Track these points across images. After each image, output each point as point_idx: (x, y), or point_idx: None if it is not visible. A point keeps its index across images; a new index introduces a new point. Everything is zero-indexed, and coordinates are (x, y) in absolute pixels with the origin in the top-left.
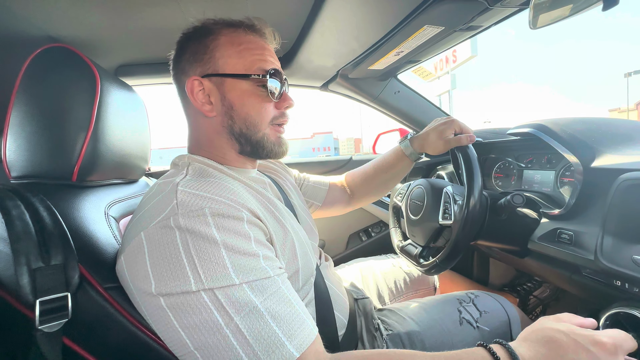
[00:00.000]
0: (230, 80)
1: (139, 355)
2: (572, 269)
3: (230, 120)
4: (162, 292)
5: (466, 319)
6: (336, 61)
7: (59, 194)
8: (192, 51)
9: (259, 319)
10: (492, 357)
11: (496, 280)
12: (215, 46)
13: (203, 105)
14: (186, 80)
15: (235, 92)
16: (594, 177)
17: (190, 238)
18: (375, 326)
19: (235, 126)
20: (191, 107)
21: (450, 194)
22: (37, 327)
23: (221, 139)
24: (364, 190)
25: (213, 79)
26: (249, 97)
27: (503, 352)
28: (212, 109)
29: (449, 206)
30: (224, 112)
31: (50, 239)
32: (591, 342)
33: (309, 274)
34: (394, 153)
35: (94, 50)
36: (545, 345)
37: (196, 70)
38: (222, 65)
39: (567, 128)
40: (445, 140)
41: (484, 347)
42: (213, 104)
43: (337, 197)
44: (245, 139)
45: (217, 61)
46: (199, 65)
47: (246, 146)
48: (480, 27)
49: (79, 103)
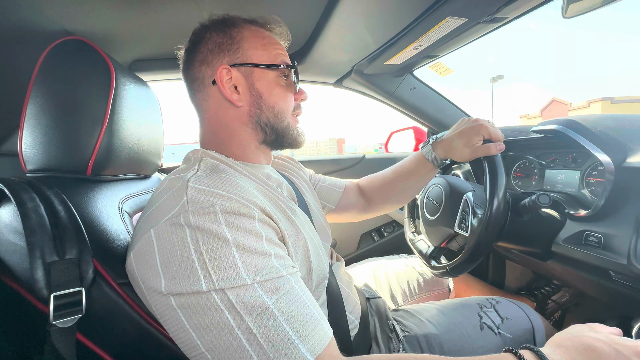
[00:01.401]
0: (259, 71)
1: (151, 352)
2: (601, 273)
3: (258, 109)
4: (172, 291)
5: (487, 325)
6: (351, 56)
7: (73, 187)
8: (215, 42)
9: (271, 321)
10: None
11: (512, 283)
12: (241, 38)
13: (232, 94)
14: (211, 70)
15: (263, 81)
16: (626, 177)
17: (201, 236)
18: (391, 327)
19: (262, 115)
20: (212, 98)
21: (471, 203)
22: (52, 322)
23: (245, 129)
24: (382, 197)
25: (242, 69)
26: (275, 87)
27: (534, 358)
28: (240, 99)
29: (466, 216)
30: (253, 101)
31: (65, 232)
32: (635, 353)
33: (322, 276)
34: (415, 158)
35: (109, 44)
36: (582, 353)
37: (223, 59)
38: (250, 56)
39: (598, 125)
40: (472, 149)
41: (511, 353)
42: (240, 94)
43: (352, 202)
44: (271, 128)
45: (246, 52)
46: (226, 55)
47: (271, 135)
48: (505, 18)
49: (94, 97)
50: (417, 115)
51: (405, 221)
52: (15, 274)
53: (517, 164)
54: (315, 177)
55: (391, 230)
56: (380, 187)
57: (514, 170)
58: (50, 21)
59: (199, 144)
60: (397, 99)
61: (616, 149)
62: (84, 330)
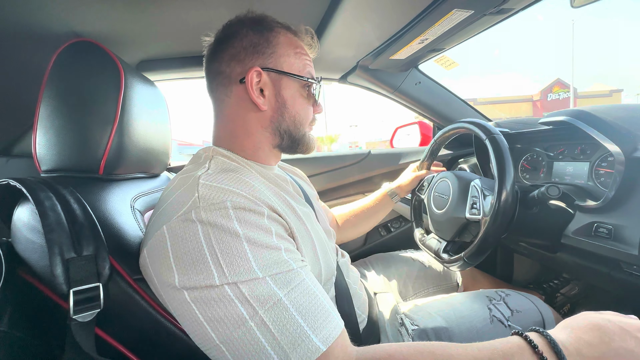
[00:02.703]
0: (287, 79)
1: (166, 344)
2: (612, 264)
3: (280, 116)
4: (186, 286)
5: (497, 317)
6: (356, 52)
7: (86, 186)
8: (251, 41)
9: (284, 312)
10: (528, 344)
11: (520, 276)
12: (277, 43)
13: (258, 97)
14: (241, 68)
15: (290, 90)
16: (637, 167)
17: (212, 231)
18: (400, 321)
19: (283, 123)
20: (236, 96)
21: (479, 187)
22: (72, 317)
23: (264, 132)
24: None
25: (272, 74)
26: (299, 97)
27: (541, 339)
28: (265, 102)
29: (477, 200)
30: (277, 108)
31: (81, 230)
32: (636, 328)
33: (330, 272)
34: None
35: (116, 45)
36: (588, 332)
37: (256, 61)
38: (282, 63)
39: (607, 115)
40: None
41: (519, 335)
42: (266, 98)
43: (332, 226)
44: (289, 135)
45: (279, 58)
46: (260, 57)
47: (287, 141)
48: (511, 9)
49: (104, 97)
50: (423, 109)
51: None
52: (35, 271)
53: (524, 156)
54: None
55: (398, 225)
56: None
57: (522, 163)
58: (59, 23)
59: (212, 139)
60: (403, 94)
61: (627, 139)
62: (102, 324)
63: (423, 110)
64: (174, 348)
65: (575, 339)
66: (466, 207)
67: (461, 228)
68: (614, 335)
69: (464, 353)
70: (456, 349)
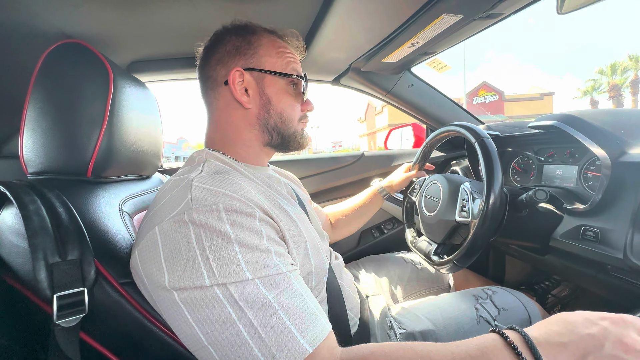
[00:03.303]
0: (271, 77)
1: (153, 350)
2: (598, 267)
3: (266, 113)
4: (175, 286)
5: (484, 317)
6: (348, 54)
7: (74, 189)
8: (234, 45)
9: (272, 314)
10: (501, 337)
11: (512, 278)
12: (259, 44)
13: (242, 96)
14: (225, 70)
15: (274, 88)
16: (623, 172)
17: (204, 233)
18: (389, 324)
19: (270, 120)
20: (223, 97)
21: (468, 190)
22: (55, 322)
23: (252, 131)
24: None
25: (254, 74)
26: (284, 94)
27: (515, 334)
28: (249, 101)
29: (466, 203)
30: (262, 105)
31: (66, 234)
32: (600, 317)
33: (321, 273)
34: (370, 191)
35: (106, 46)
36: (556, 324)
37: (238, 62)
38: (264, 62)
39: (595, 120)
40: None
41: (497, 333)
42: (250, 97)
43: (326, 226)
44: (277, 132)
45: (261, 58)
46: (242, 59)
47: (277, 139)
48: (500, 15)
49: (92, 99)
50: (416, 112)
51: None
52: (18, 275)
53: (515, 159)
54: None
55: (391, 227)
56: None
57: (512, 165)
58: (48, 24)
59: (205, 142)
60: (396, 96)
61: (613, 143)
62: (88, 329)
63: (416, 112)
64: (160, 353)
65: (544, 331)
66: (456, 210)
67: (451, 230)
68: (578, 323)
69: (442, 349)
70: (436, 346)
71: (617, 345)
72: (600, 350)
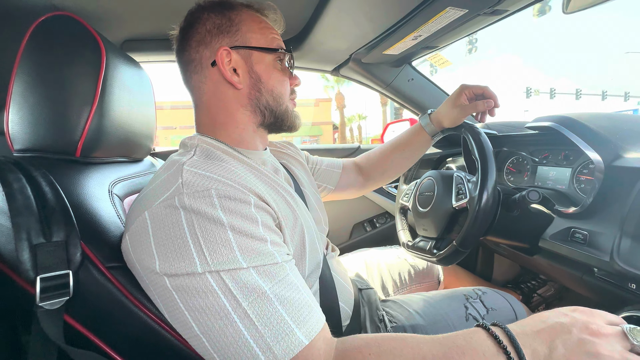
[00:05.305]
0: (257, 54)
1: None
2: (585, 269)
3: (257, 92)
4: (167, 272)
5: (472, 315)
6: (349, 44)
7: (62, 169)
8: (214, 23)
9: (268, 306)
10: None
11: (500, 276)
12: (240, 20)
13: (232, 76)
14: (209, 52)
15: (262, 65)
16: (616, 176)
17: (196, 219)
18: (380, 317)
19: (262, 98)
20: (211, 80)
21: (462, 176)
22: (38, 304)
23: (244, 112)
24: (379, 171)
25: (241, 52)
26: (273, 71)
27: (497, 328)
28: (240, 81)
29: (462, 187)
30: (252, 84)
31: (52, 215)
32: (571, 309)
33: (315, 263)
34: (413, 129)
35: (99, 21)
36: (531, 319)
37: (222, 41)
38: (249, 39)
39: (591, 123)
40: (460, 108)
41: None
42: (240, 76)
43: (350, 180)
44: (270, 111)
45: (245, 35)
46: (226, 37)
47: (269, 118)
48: (506, 11)
49: (83, 75)
50: (414, 107)
51: (400, 233)
52: (2, 255)
53: (510, 159)
54: (312, 160)
55: (383, 221)
56: (378, 161)
57: (507, 165)
58: None
59: (195, 128)
60: (395, 90)
61: (608, 148)
62: (72, 312)
63: (415, 107)
64: (145, 338)
65: (521, 324)
66: (452, 196)
67: (449, 220)
68: (550, 315)
69: (431, 340)
70: (424, 338)
71: (583, 330)
72: (568, 335)
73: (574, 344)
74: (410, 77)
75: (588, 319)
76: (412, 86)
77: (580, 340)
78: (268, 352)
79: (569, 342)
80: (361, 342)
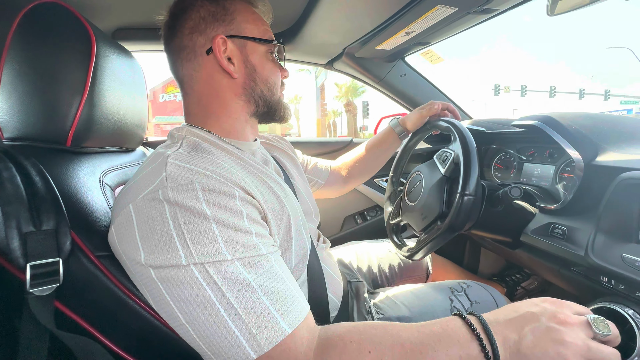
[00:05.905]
0: (252, 44)
1: (128, 322)
2: (562, 263)
3: (252, 82)
4: (152, 264)
5: (457, 308)
6: (342, 38)
7: (52, 158)
8: (209, 10)
9: (252, 296)
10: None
11: (486, 269)
12: (234, 9)
13: (228, 65)
14: (204, 39)
15: (256, 55)
16: (594, 174)
17: (180, 212)
18: (367, 309)
19: (257, 88)
20: (205, 68)
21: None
22: (29, 290)
23: (238, 101)
24: (357, 169)
25: (236, 41)
26: (267, 61)
27: (472, 317)
28: (236, 70)
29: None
30: (247, 73)
31: (41, 203)
32: (541, 300)
33: (302, 253)
34: (384, 131)
35: (90, 9)
36: (505, 309)
37: (218, 29)
38: (244, 29)
39: (573, 123)
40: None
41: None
42: (235, 65)
43: (335, 179)
44: (264, 100)
45: (240, 24)
46: (221, 26)
47: (263, 108)
48: (495, 10)
49: (73, 64)
50: (407, 102)
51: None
52: None
53: (498, 156)
54: (305, 158)
55: (374, 214)
56: (355, 160)
57: (495, 162)
58: None
59: (184, 118)
60: (387, 85)
61: (588, 147)
62: (63, 299)
63: (407, 102)
64: (135, 325)
65: (495, 314)
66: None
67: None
68: (522, 305)
69: (410, 328)
70: (404, 326)
71: (551, 319)
72: (537, 323)
73: (542, 332)
74: (403, 72)
75: (556, 309)
76: (405, 82)
77: (548, 328)
78: (252, 341)
79: (538, 329)
80: (343, 329)
